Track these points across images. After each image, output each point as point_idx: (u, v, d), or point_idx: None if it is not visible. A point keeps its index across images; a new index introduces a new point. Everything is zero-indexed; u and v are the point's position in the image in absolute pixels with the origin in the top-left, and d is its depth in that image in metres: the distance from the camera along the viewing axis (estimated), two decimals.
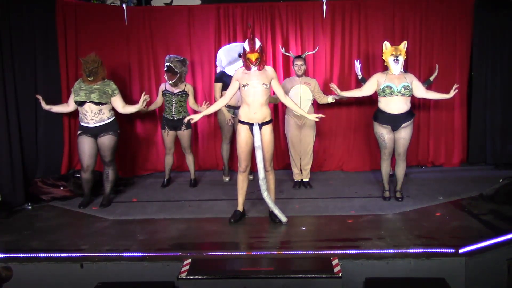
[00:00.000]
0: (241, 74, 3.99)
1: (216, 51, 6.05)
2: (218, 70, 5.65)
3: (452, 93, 4.63)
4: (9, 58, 4.70)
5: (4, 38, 4.67)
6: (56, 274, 3.32)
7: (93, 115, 4.51)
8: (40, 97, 4.73)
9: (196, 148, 6.21)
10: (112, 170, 4.71)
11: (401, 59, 4.46)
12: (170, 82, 5.19)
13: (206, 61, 6.12)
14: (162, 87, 5.33)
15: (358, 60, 5.42)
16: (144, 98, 4.59)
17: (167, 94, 5.27)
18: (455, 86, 4.67)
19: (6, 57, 4.67)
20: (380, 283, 3.12)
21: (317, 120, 4.16)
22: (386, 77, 4.49)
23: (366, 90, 4.63)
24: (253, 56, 3.89)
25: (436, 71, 5.45)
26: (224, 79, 5.34)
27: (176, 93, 5.26)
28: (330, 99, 5.22)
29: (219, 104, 4.18)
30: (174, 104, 5.28)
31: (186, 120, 4.24)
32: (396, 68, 4.46)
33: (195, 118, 4.13)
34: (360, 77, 5.27)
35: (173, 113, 5.29)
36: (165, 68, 5.18)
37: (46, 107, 4.73)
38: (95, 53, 4.59)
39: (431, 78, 5.47)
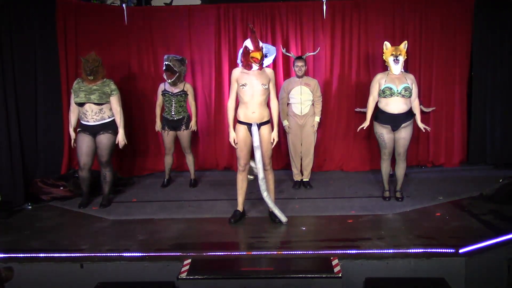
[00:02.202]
0: (239, 73, 3.99)
1: (216, 51, 6.07)
2: None
3: (421, 125, 4.57)
4: (9, 58, 4.70)
5: (4, 38, 4.67)
6: (56, 274, 3.31)
7: (94, 114, 4.50)
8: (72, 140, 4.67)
9: (196, 148, 6.21)
10: (109, 172, 4.70)
11: (401, 59, 4.46)
12: (169, 81, 5.18)
13: (206, 61, 6.13)
14: (162, 87, 5.31)
15: (357, 108, 5.84)
16: (122, 145, 4.59)
17: (166, 94, 5.26)
18: (427, 128, 4.63)
19: (6, 57, 4.67)
20: (380, 283, 3.12)
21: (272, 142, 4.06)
22: (386, 78, 4.48)
23: (376, 96, 4.57)
24: (258, 55, 3.89)
25: (431, 109, 5.77)
26: None
27: (176, 93, 5.26)
28: (317, 119, 5.21)
29: (230, 109, 4.04)
30: (173, 104, 5.27)
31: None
32: (396, 68, 4.46)
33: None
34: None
35: (173, 113, 5.28)
36: (164, 67, 5.17)
37: (73, 131, 4.64)
38: (95, 53, 4.59)
39: (423, 108, 5.64)
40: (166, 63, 5.13)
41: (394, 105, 4.43)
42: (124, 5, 5.95)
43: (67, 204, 4.79)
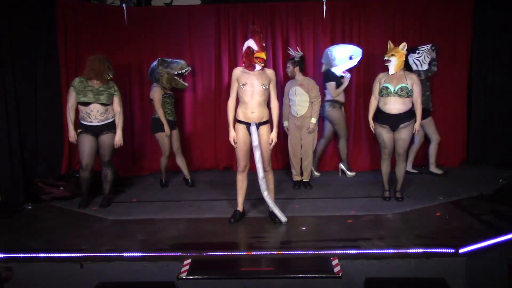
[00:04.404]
0: (240, 73, 3.99)
1: (216, 51, 6.08)
2: (323, 69, 5.63)
3: (416, 127, 4.49)
4: (9, 58, 4.70)
5: (4, 38, 4.66)
6: (56, 274, 3.31)
7: (99, 114, 4.50)
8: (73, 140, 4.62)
9: (196, 148, 6.22)
10: (110, 171, 4.71)
11: (393, 59, 4.42)
12: (187, 84, 5.43)
13: (206, 61, 6.13)
14: (161, 91, 5.19)
15: None
16: (118, 145, 4.62)
17: (170, 97, 5.29)
18: (415, 132, 4.54)
19: (6, 57, 4.67)
20: (380, 283, 3.11)
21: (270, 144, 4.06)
22: (386, 78, 4.48)
23: (377, 95, 4.56)
24: (264, 55, 3.91)
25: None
26: (335, 78, 5.42)
27: (173, 95, 5.36)
28: (313, 120, 5.17)
29: (230, 108, 4.02)
30: (173, 106, 5.34)
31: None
32: (390, 68, 4.47)
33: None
34: None
35: (174, 114, 5.34)
36: (187, 72, 5.35)
37: (73, 130, 4.57)
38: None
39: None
40: (189, 68, 5.36)
41: (391, 105, 4.42)
42: (124, 5, 5.95)
43: (67, 204, 4.79)
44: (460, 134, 6.11)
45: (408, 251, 3.37)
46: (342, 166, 5.81)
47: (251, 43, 3.94)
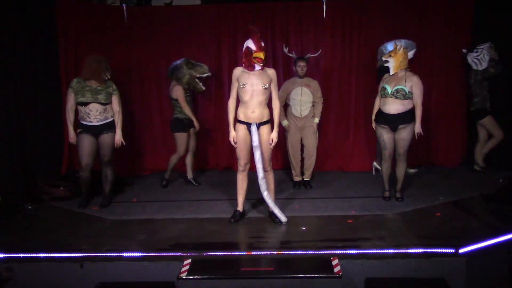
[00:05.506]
0: (240, 72, 3.99)
1: (216, 51, 6.08)
2: (379, 64, 5.59)
3: (417, 129, 4.46)
4: (9, 58, 4.69)
5: (4, 39, 4.66)
6: (56, 274, 3.31)
7: (98, 114, 4.50)
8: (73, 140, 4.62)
9: (197, 148, 6.21)
10: (110, 171, 4.71)
11: (391, 60, 4.44)
12: (204, 88, 5.41)
13: (206, 61, 6.10)
14: (184, 90, 5.21)
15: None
16: (119, 144, 4.63)
17: (189, 96, 5.34)
18: (417, 133, 4.49)
19: (6, 57, 4.66)
20: (380, 283, 3.11)
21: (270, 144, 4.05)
22: (388, 78, 4.49)
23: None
24: (262, 55, 3.90)
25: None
26: None
27: (192, 94, 5.40)
28: (316, 120, 5.19)
29: (231, 108, 4.03)
30: (191, 105, 5.37)
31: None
32: (389, 69, 4.48)
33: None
34: None
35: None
36: (206, 77, 5.37)
37: (72, 132, 4.59)
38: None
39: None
40: (210, 74, 5.38)
41: (389, 105, 4.43)
42: (124, 5, 5.96)
43: (67, 204, 4.79)
44: (460, 134, 6.10)
45: (408, 251, 3.37)
46: (376, 164, 5.77)
47: (249, 43, 3.94)
